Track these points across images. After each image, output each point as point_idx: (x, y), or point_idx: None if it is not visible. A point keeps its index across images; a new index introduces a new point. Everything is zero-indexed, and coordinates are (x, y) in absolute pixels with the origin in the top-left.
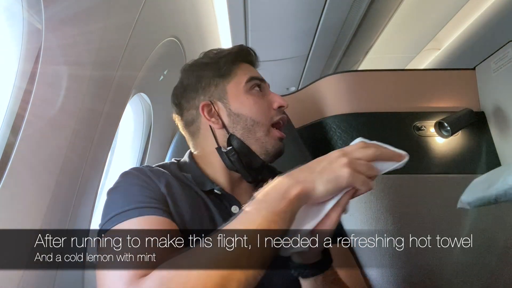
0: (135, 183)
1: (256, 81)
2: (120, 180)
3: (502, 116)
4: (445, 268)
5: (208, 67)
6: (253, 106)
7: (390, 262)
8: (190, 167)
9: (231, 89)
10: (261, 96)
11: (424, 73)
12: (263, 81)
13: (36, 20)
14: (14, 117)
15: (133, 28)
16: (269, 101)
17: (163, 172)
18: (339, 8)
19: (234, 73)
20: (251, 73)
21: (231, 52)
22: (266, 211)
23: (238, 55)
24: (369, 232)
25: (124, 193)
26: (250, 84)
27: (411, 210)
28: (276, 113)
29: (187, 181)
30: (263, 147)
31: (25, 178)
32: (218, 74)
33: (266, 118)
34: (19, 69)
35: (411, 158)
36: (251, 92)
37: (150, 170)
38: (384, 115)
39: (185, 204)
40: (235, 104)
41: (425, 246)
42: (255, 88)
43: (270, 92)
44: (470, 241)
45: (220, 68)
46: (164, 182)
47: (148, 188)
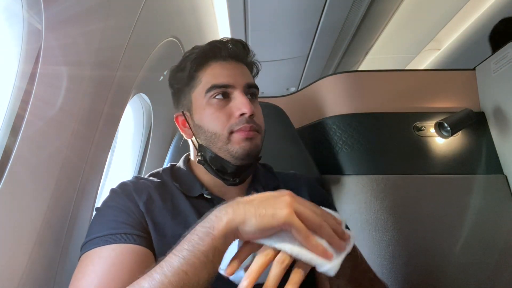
0: (114, 205)
1: (217, 90)
2: (105, 200)
3: (502, 117)
4: (445, 268)
5: (179, 73)
6: (210, 119)
7: (390, 262)
8: (182, 172)
9: (195, 98)
10: (221, 105)
11: (424, 74)
12: (227, 87)
13: (36, 20)
14: (14, 117)
15: (133, 29)
16: (231, 109)
17: (147, 186)
18: (339, 8)
19: (199, 80)
20: (214, 79)
21: (198, 53)
22: (187, 252)
23: (206, 56)
24: (369, 233)
25: (102, 216)
26: (210, 94)
27: (411, 211)
28: (238, 121)
29: (175, 191)
30: (228, 154)
31: (25, 178)
32: (185, 82)
33: (224, 129)
34: (19, 70)
35: (411, 159)
36: (211, 102)
37: (134, 187)
38: (384, 115)
39: (166, 219)
40: (196, 115)
41: (425, 246)
42: (217, 96)
43: (241, 96)
44: (470, 241)
45: (186, 75)
46: (144, 199)
47: (126, 211)
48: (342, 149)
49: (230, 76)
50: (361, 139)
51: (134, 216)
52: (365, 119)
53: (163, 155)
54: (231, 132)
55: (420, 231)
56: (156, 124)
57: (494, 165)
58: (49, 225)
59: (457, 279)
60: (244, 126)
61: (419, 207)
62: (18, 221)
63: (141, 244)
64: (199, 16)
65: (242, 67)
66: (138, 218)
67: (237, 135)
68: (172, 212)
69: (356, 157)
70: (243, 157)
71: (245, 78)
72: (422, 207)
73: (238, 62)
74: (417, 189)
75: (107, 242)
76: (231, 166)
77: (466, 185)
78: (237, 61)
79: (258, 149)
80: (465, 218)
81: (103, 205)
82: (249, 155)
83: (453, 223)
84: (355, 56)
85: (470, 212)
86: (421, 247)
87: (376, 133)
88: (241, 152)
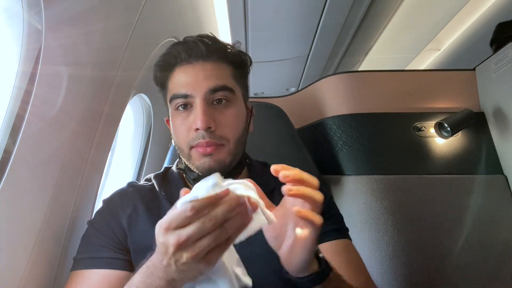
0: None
1: (178, 101)
2: (95, 214)
3: (502, 117)
4: (445, 268)
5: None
6: (175, 131)
7: (390, 262)
8: (172, 178)
9: (168, 107)
10: (183, 117)
11: (424, 74)
12: (186, 96)
13: (36, 20)
14: (14, 118)
15: (133, 29)
16: (191, 121)
17: (134, 196)
18: (339, 8)
19: (168, 87)
20: (175, 88)
21: (162, 59)
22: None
23: (169, 61)
24: (369, 233)
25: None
26: (172, 105)
27: (411, 211)
28: (195, 136)
29: (162, 199)
30: (195, 168)
31: (25, 178)
32: (159, 87)
33: (184, 144)
34: (19, 70)
35: (411, 159)
36: (174, 114)
37: (121, 199)
38: (384, 115)
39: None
40: (171, 125)
41: (425, 246)
42: (179, 108)
43: (197, 107)
44: (470, 241)
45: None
46: (128, 212)
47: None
48: (342, 149)
49: (189, 84)
50: (361, 139)
51: (116, 239)
52: (365, 119)
53: (163, 156)
54: (191, 147)
55: (420, 231)
56: (156, 125)
57: (494, 166)
58: (49, 225)
59: (457, 279)
60: (199, 142)
61: (419, 207)
62: (18, 221)
63: (123, 268)
64: (199, 16)
65: (211, 67)
66: (119, 238)
67: (195, 152)
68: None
69: (356, 157)
70: (206, 173)
71: (208, 82)
72: (422, 207)
73: (206, 62)
74: (417, 189)
75: (92, 266)
76: (201, 177)
77: (466, 185)
78: (205, 61)
79: (224, 163)
80: (465, 218)
81: (93, 219)
82: (210, 170)
83: (453, 223)
84: (355, 57)
85: (470, 212)
86: (421, 247)
87: (376, 134)
88: (203, 168)
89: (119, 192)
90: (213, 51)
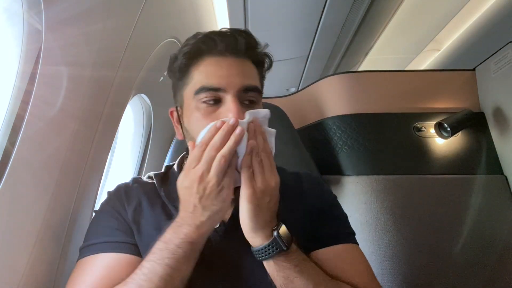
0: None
1: (207, 94)
2: (102, 203)
3: (502, 117)
4: (445, 268)
5: (172, 64)
6: (196, 125)
7: (390, 262)
8: (173, 178)
9: (185, 97)
10: (209, 112)
11: (424, 74)
12: (218, 90)
13: (36, 20)
14: (14, 118)
15: (133, 29)
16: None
17: (138, 193)
18: (339, 8)
19: (191, 76)
20: (205, 79)
21: (192, 45)
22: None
23: (200, 49)
24: (369, 233)
25: (99, 221)
26: (199, 97)
27: (411, 211)
28: None
29: (164, 199)
30: None
31: (25, 178)
32: (177, 76)
33: None
34: (19, 70)
35: (411, 159)
36: (198, 106)
37: (126, 192)
38: (384, 116)
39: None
40: (186, 117)
41: (425, 246)
42: (207, 101)
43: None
44: (470, 241)
45: (178, 69)
46: (133, 207)
47: (118, 218)
48: (342, 150)
49: (223, 76)
50: (361, 139)
51: (125, 223)
52: (365, 120)
53: (163, 156)
54: None
55: (420, 231)
56: (156, 125)
57: (494, 166)
58: (49, 225)
59: (457, 279)
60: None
61: (419, 208)
62: (18, 221)
63: (133, 253)
64: (199, 16)
65: (244, 64)
66: (128, 224)
67: None
68: (159, 218)
69: (356, 157)
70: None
71: (242, 80)
72: (422, 207)
73: (238, 58)
74: (417, 190)
75: (103, 250)
76: None
77: (466, 185)
78: (238, 57)
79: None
80: (465, 219)
81: (100, 208)
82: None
83: (453, 223)
84: (355, 57)
85: (470, 213)
86: (421, 247)
87: (376, 134)
88: None
89: (124, 185)
90: (249, 48)
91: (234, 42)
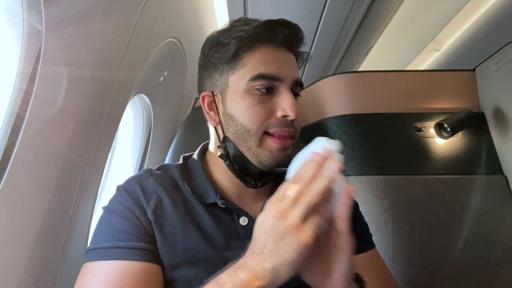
0: (121, 210)
1: (264, 82)
2: (112, 199)
3: (502, 117)
4: (445, 269)
5: (219, 46)
6: (247, 112)
7: (390, 262)
8: (195, 172)
9: (233, 82)
10: (263, 100)
11: (424, 74)
12: (276, 79)
13: (36, 21)
14: (14, 118)
15: (133, 29)
16: (273, 106)
17: (156, 188)
18: (339, 9)
19: (243, 62)
20: (263, 67)
21: (249, 32)
22: None
23: (258, 37)
24: None
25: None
26: (254, 84)
27: (411, 211)
28: (277, 122)
29: (187, 194)
30: (255, 158)
31: (25, 178)
32: (225, 60)
33: (259, 127)
34: (19, 70)
35: (411, 159)
36: (251, 93)
37: (142, 190)
38: (384, 116)
39: (177, 226)
40: (231, 103)
41: (425, 246)
42: (261, 89)
43: (287, 94)
44: (470, 242)
45: (229, 52)
46: (153, 206)
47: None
48: (342, 150)
49: (280, 67)
50: (361, 139)
51: (141, 226)
52: (365, 120)
53: (163, 156)
54: (265, 132)
55: (420, 231)
56: (156, 125)
57: (494, 166)
58: (49, 225)
59: (457, 280)
60: (282, 130)
61: (419, 208)
62: (18, 221)
63: (148, 259)
64: (199, 16)
65: (293, 58)
66: (145, 228)
67: (270, 141)
68: (184, 218)
69: (356, 157)
70: (272, 166)
71: (294, 72)
72: (422, 207)
73: (288, 52)
74: (417, 190)
75: (112, 257)
76: (256, 169)
77: (466, 185)
78: (288, 50)
79: (290, 158)
80: (465, 219)
81: (110, 205)
82: (278, 166)
83: (453, 223)
84: (355, 57)
85: (470, 213)
86: (421, 247)
87: (376, 134)
88: (271, 161)
89: (138, 179)
90: (298, 45)
91: (295, 35)
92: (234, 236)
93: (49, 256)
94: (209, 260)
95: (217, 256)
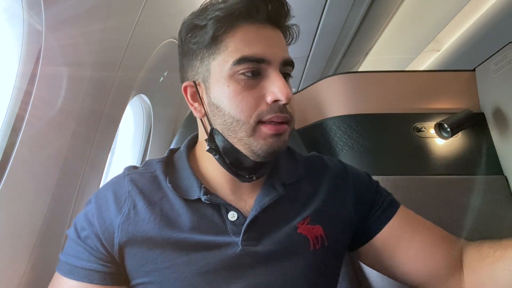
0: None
1: (249, 65)
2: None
3: (502, 118)
4: None
5: (196, 30)
6: (233, 100)
7: None
8: (180, 166)
9: (215, 68)
10: (250, 85)
11: (424, 75)
12: (262, 61)
13: (36, 21)
14: (14, 118)
15: (133, 29)
16: (262, 90)
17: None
18: (339, 9)
19: (224, 45)
20: (246, 48)
21: (227, 10)
22: None
23: (238, 15)
24: None
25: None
26: (238, 68)
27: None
28: (269, 109)
29: (168, 191)
30: (248, 149)
31: (25, 179)
32: (204, 44)
33: (250, 117)
34: (19, 70)
35: (411, 159)
36: (236, 78)
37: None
38: (384, 116)
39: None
40: (215, 91)
41: None
42: (246, 73)
43: (277, 76)
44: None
45: (207, 35)
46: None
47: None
48: (342, 150)
49: (266, 47)
50: (361, 140)
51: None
52: (365, 120)
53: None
54: (258, 121)
55: None
56: (156, 125)
57: (494, 166)
58: (49, 225)
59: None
60: (276, 115)
61: (419, 208)
62: (18, 221)
63: (105, 282)
64: None
65: (280, 35)
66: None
67: (264, 129)
68: (161, 217)
69: (356, 158)
70: (266, 155)
71: (283, 52)
72: (422, 208)
73: (274, 28)
74: (417, 190)
75: (71, 276)
76: (249, 161)
77: (466, 186)
78: (274, 27)
79: (286, 145)
80: (465, 219)
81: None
82: (273, 153)
83: (453, 224)
84: (355, 57)
85: (470, 213)
86: None
87: (376, 134)
88: (266, 149)
89: (113, 184)
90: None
91: (279, 9)
92: (221, 233)
93: (49, 256)
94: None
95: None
